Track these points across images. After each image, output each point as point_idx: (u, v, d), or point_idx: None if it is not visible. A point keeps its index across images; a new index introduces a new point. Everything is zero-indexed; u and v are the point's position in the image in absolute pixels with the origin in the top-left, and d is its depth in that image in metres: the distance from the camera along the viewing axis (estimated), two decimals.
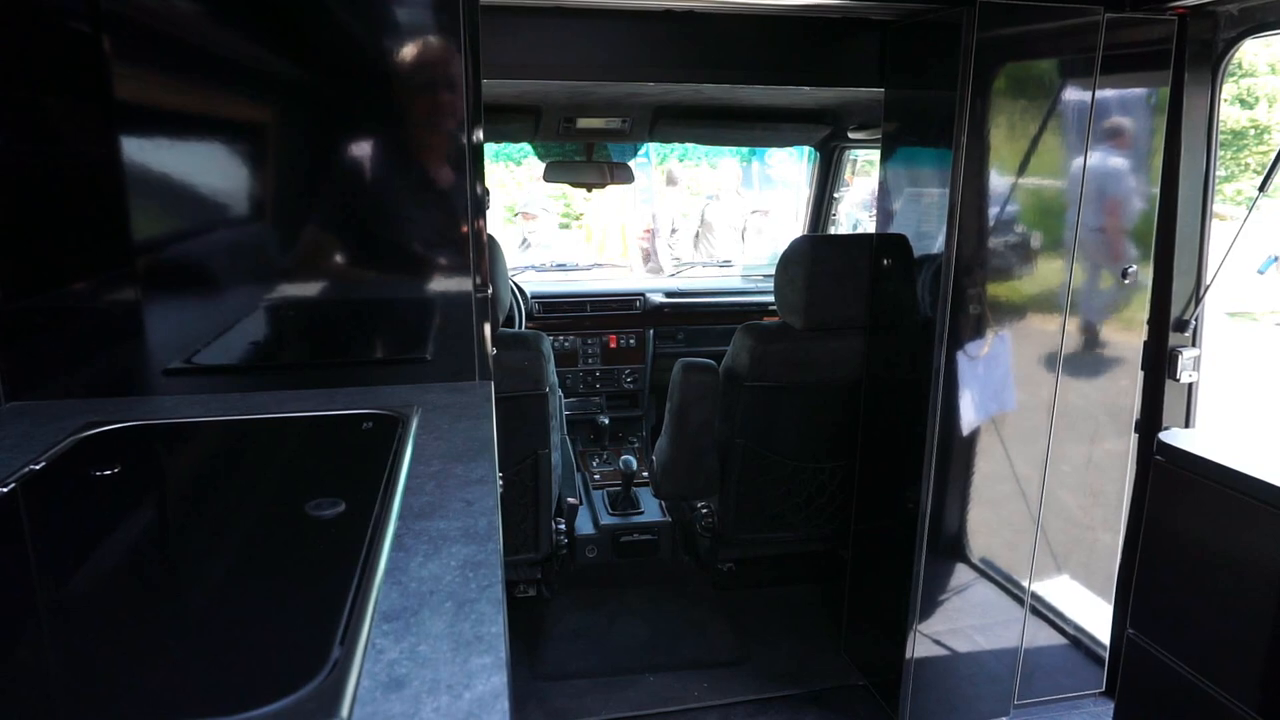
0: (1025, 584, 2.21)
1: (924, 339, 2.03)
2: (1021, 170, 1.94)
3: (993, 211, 1.94)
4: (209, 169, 1.23)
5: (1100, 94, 1.92)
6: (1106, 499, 2.21)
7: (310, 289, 1.32)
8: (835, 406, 2.48)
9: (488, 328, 1.70)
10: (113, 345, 1.28)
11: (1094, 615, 2.30)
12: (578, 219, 13.94)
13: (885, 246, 2.25)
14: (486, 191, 1.38)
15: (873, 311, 2.33)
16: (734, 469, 2.51)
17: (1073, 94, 1.92)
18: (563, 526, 2.59)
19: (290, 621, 0.65)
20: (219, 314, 1.30)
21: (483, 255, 1.32)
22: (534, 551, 2.51)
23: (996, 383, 2.09)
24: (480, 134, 1.30)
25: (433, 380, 1.34)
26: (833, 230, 3.73)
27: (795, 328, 2.37)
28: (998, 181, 1.93)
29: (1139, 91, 1.97)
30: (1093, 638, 2.32)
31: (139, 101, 1.19)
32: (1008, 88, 1.90)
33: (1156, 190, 2.03)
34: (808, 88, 2.59)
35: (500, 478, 1.31)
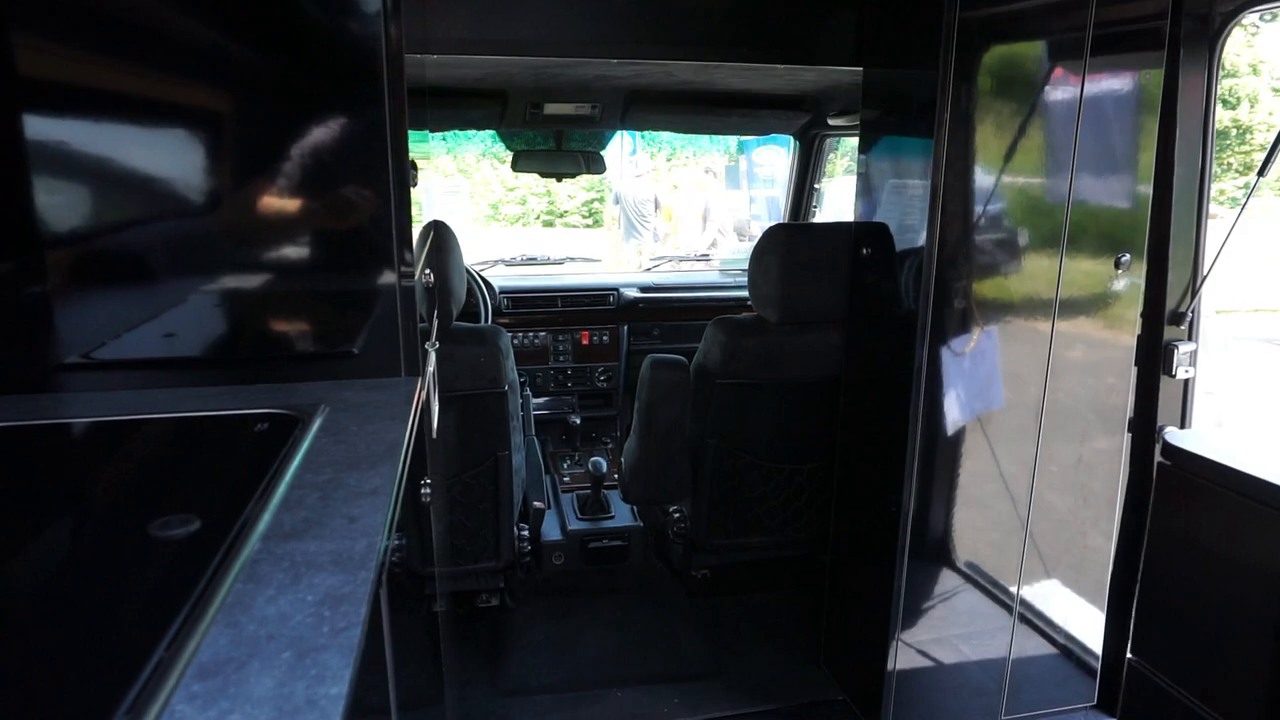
0: (1013, 590, 2.09)
1: (905, 333, 1.91)
2: (1008, 156, 1.82)
3: (978, 198, 1.82)
4: (116, 153, 1.09)
5: (1091, 75, 1.80)
6: (1097, 501, 2.09)
7: (225, 280, 1.18)
8: (813, 404, 2.36)
9: (436, 320, 1.56)
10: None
11: (1085, 623, 2.18)
12: (562, 216, 13.90)
13: (865, 236, 2.13)
14: (415, 169, 1.24)
15: (852, 304, 2.20)
16: (706, 471, 2.38)
17: (1062, 75, 1.80)
18: (526, 533, 2.45)
19: (73, 677, 0.51)
20: (127, 307, 1.15)
21: (406, 241, 1.18)
22: (495, 559, 2.37)
23: (982, 380, 1.98)
24: (404, 110, 1.16)
25: (361, 376, 1.20)
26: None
27: (770, 321, 2.24)
28: (982, 167, 1.81)
29: (1132, 72, 1.86)
30: (1084, 647, 2.20)
31: (39, 78, 1.05)
32: (993, 68, 1.78)
33: (1150, 177, 1.91)
34: (785, 70, 2.46)
35: (425, 484, 1.18)
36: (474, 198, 13.60)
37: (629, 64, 2.38)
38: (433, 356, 1.59)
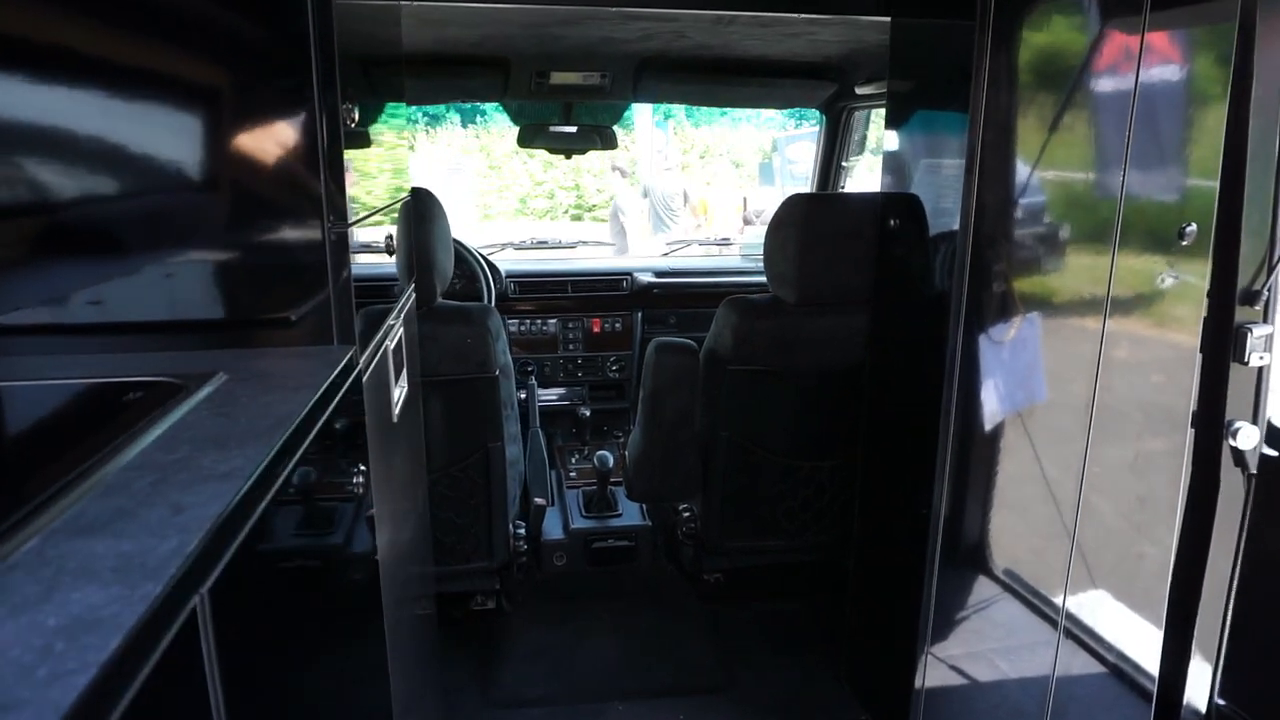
0: (1058, 602, 1.87)
1: (938, 317, 1.70)
2: (1057, 117, 1.60)
3: (1019, 173, 1.61)
4: (25, 102, 0.92)
5: (1151, 30, 1.57)
6: (1155, 506, 1.86)
7: (148, 243, 1.01)
8: (834, 395, 2.15)
9: (412, 294, 1.39)
10: None
11: (1140, 640, 1.94)
12: (590, 210, 13.77)
13: (893, 206, 1.92)
14: (351, 109, 1.05)
15: (879, 284, 1.99)
16: (717, 467, 2.18)
17: (1119, 25, 1.57)
18: (523, 531, 2.27)
19: None
20: (52, 272, 0.98)
21: (339, 188, 1.00)
22: (488, 559, 2.19)
23: (1023, 371, 1.77)
24: (333, 39, 0.97)
25: (298, 344, 1.02)
26: None
27: (787, 302, 2.04)
28: (1026, 128, 1.59)
29: (1199, 25, 1.63)
30: (1138, 666, 1.96)
31: None
32: (1039, 16, 1.56)
33: (1220, 140, 1.68)
34: (807, 28, 2.26)
35: (359, 470, 0.99)
36: (504, 192, 13.51)
37: (637, 23, 2.19)
38: (398, 330, 1.41)
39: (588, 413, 3.05)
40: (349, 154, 1.10)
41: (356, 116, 1.06)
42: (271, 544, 0.68)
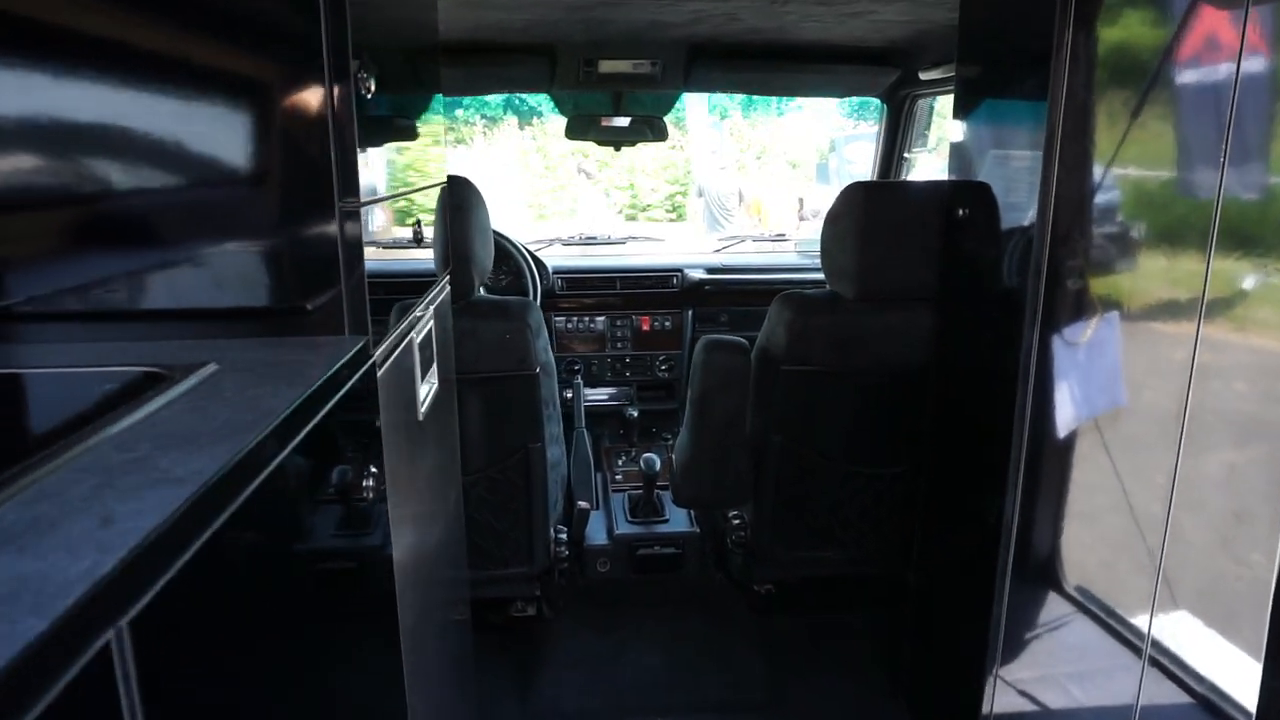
0: (1143, 625, 1.71)
1: (1011, 315, 1.57)
2: (1143, 105, 1.45)
3: (1102, 157, 1.47)
4: (15, 91, 0.85)
5: (1258, 5, 1.41)
6: (1253, 522, 1.68)
7: (159, 230, 0.94)
8: (895, 397, 2.01)
9: (445, 284, 1.31)
10: None
11: (1236, 670, 1.77)
12: (645, 210, 13.71)
13: (962, 196, 1.78)
14: (367, 79, 0.97)
15: (945, 278, 1.85)
16: (769, 472, 2.06)
17: (1219, 2, 1.42)
18: (565, 536, 2.17)
19: None
20: (70, 259, 0.92)
21: (351, 172, 0.92)
22: (527, 565, 2.10)
23: (1102, 374, 1.63)
24: (345, 16, 0.89)
25: (312, 333, 0.95)
26: None
27: (845, 298, 1.91)
28: (1110, 116, 1.45)
29: None
30: (1233, 700, 1.78)
31: None
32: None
33: None
34: (869, 8, 2.12)
35: (369, 474, 0.91)
36: (558, 192, 13.52)
37: (686, 4, 2.08)
38: (426, 322, 1.32)
39: (635, 413, 2.95)
40: (369, 133, 1.02)
41: (373, 86, 0.97)
42: (237, 561, 0.59)
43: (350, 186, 0.92)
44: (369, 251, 1.01)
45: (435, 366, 1.39)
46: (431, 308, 1.39)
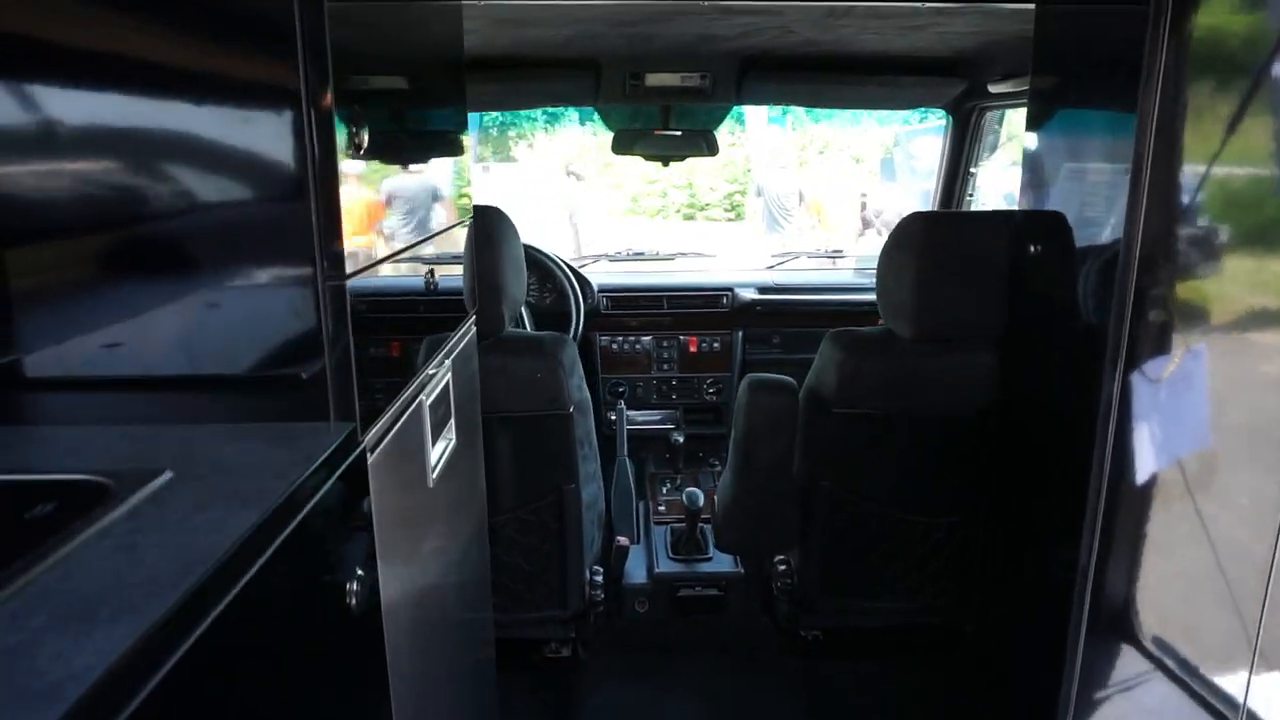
0: (1237, 691, 1.53)
1: (1089, 355, 1.42)
2: (1241, 110, 1.28)
3: (1197, 179, 1.31)
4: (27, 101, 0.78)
5: None
6: None
7: (111, 289, 0.85)
8: (955, 443, 1.87)
9: (471, 327, 1.21)
10: None
11: None
12: (703, 209, 13.56)
13: (1034, 228, 1.62)
14: (359, 132, 0.87)
15: (1014, 317, 1.70)
16: (817, 519, 1.93)
17: None
18: (600, 579, 2.07)
19: None
20: None
21: (334, 229, 0.82)
22: (561, 608, 2.01)
23: (1189, 414, 1.46)
24: (326, 58, 0.79)
25: (287, 415, 0.85)
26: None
27: (902, 337, 1.76)
28: (1206, 133, 1.29)
29: None
30: None
31: None
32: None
33: None
34: (933, 19, 1.97)
35: (354, 578, 0.82)
36: (614, 190, 13.43)
37: (737, 18, 1.96)
38: (441, 378, 1.23)
39: (681, 439, 2.83)
40: (363, 184, 0.92)
41: (365, 139, 0.88)
42: None
43: (335, 257, 0.82)
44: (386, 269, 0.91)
45: (453, 421, 1.30)
46: (449, 360, 1.29)
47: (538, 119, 12.20)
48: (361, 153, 0.88)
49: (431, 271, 1.21)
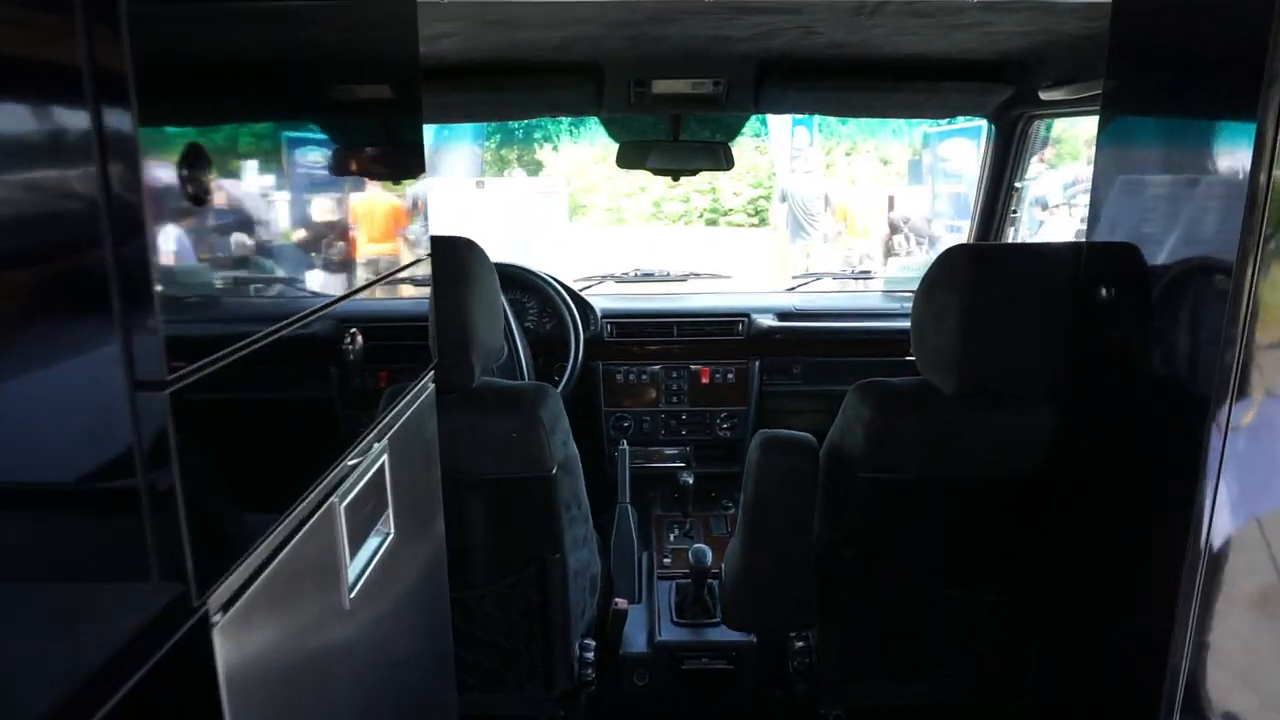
0: None
1: (1183, 401, 1.18)
2: None
3: None
4: None
5: None
6: None
7: None
8: (1003, 509, 1.61)
9: (428, 385, 0.99)
10: None
11: None
12: (726, 215, 13.29)
13: (1102, 264, 1.36)
14: (203, 183, 0.63)
15: (1077, 367, 1.44)
16: (839, 594, 1.67)
17: None
18: (590, 655, 1.82)
19: None
20: None
21: (148, 307, 0.57)
22: (545, 688, 1.76)
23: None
24: (125, 65, 0.54)
25: (104, 577, 0.61)
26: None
27: (942, 392, 1.50)
28: None
29: None
30: None
31: None
32: None
33: None
34: (979, 20, 1.71)
35: None
36: (636, 195, 13.19)
37: (752, 17, 1.71)
38: (368, 467, 0.98)
39: (690, 479, 2.57)
40: (215, 238, 0.68)
41: (210, 183, 0.63)
42: None
43: (148, 351, 0.58)
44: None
45: (390, 511, 1.05)
46: (386, 439, 1.05)
47: (563, 123, 11.97)
48: (208, 199, 0.63)
49: (353, 335, 0.96)
